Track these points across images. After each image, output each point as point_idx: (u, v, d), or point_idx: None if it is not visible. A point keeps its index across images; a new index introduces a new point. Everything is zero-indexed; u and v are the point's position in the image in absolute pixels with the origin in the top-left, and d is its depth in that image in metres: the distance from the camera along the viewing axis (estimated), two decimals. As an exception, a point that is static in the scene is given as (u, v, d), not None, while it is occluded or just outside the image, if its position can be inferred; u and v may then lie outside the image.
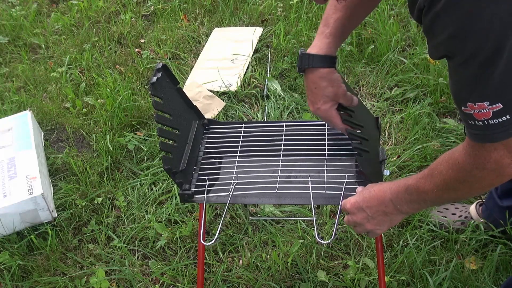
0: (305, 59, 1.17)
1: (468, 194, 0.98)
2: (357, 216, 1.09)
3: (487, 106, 0.79)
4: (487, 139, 0.83)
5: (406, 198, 1.02)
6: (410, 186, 1.00)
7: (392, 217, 1.07)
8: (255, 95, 2.25)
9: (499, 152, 0.84)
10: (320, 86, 1.17)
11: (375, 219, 1.07)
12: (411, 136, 1.94)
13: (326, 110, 1.19)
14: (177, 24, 2.73)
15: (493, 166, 0.86)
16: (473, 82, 0.79)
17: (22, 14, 2.92)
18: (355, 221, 1.10)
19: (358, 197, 1.09)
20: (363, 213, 1.08)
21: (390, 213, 1.06)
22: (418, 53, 2.29)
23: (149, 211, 1.81)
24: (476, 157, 0.87)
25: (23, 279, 1.66)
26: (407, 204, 1.02)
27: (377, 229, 1.10)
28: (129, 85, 2.30)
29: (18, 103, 2.31)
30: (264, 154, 1.30)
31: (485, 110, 0.80)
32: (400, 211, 1.05)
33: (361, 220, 1.09)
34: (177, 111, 1.26)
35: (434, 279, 1.50)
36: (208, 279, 1.60)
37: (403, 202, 1.02)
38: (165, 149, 1.17)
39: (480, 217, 1.61)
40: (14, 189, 1.74)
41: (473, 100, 0.81)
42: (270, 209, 1.76)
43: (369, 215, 1.07)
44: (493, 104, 0.79)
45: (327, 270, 1.57)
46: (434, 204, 1.04)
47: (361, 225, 1.10)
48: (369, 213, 1.07)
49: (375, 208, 1.06)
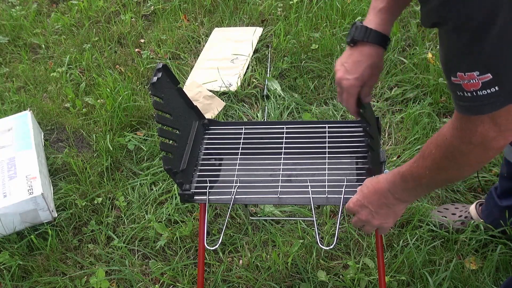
0: (361, 31, 1.11)
1: (458, 173, 0.95)
2: (362, 214, 1.09)
3: (477, 76, 0.78)
4: (474, 110, 0.82)
5: (403, 186, 1.01)
6: (405, 173, 0.99)
7: (395, 208, 1.06)
8: (255, 95, 2.25)
9: (485, 126, 0.83)
10: (365, 62, 1.12)
11: (378, 213, 1.07)
12: (411, 136, 1.94)
13: (352, 85, 1.13)
14: (177, 24, 2.73)
15: (479, 140, 0.85)
16: (464, 50, 0.78)
17: (22, 14, 2.92)
18: (361, 219, 1.10)
19: (358, 195, 1.09)
20: (366, 209, 1.07)
21: (392, 204, 1.05)
22: (418, 53, 2.29)
23: (149, 211, 1.81)
24: (462, 131, 0.86)
25: (23, 279, 1.66)
26: (404, 192, 1.02)
27: (384, 223, 1.09)
28: (129, 85, 2.30)
29: (18, 103, 2.31)
30: (265, 154, 1.30)
31: (474, 81, 0.78)
32: (400, 200, 1.04)
33: (366, 218, 1.08)
34: (177, 111, 1.26)
35: (434, 279, 1.50)
36: (208, 279, 1.60)
37: (400, 190, 1.02)
38: (166, 149, 1.17)
39: (480, 217, 1.61)
40: (14, 189, 1.74)
41: (463, 69, 0.79)
42: (270, 209, 1.76)
43: (372, 210, 1.07)
44: (482, 74, 0.77)
45: (327, 270, 1.57)
46: (430, 188, 1.02)
47: (368, 223, 1.09)
48: (371, 208, 1.06)
49: (376, 202, 1.06)
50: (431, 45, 2.36)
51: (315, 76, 2.30)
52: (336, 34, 2.43)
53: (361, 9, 2.54)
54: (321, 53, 2.36)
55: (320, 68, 2.31)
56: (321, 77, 2.30)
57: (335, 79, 1.17)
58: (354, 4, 2.58)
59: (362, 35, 1.11)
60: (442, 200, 1.75)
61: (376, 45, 1.12)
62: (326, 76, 2.29)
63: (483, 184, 1.77)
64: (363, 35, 1.11)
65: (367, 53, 1.12)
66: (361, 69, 1.12)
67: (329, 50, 2.37)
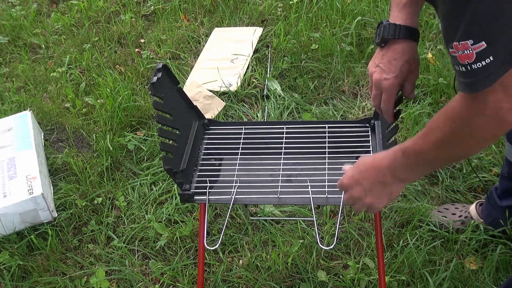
0: (390, 29, 1.09)
1: (467, 148, 0.89)
2: (354, 191, 1.04)
3: (471, 45, 0.75)
4: (471, 88, 0.79)
5: (404, 163, 0.95)
6: (407, 149, 0.94)
7: (391, 187, 1.01)
8: (255, 95, 2.25)
9: (497, 96, 0.79)
10: (401, 59, 1.10)
11: (372, 191, 1.02)
12: (411, 136, 1.94)
13: (392, 85, 1.11)
14: (177, 24, 2.73)
15: (492, 112, 0.80)
16: (458, 17, 0.76)
17: (22, 14, 2.91)
18: (352, 196, 1.04)
19: (354, 170, 1.04)
20: (360, 186, 1.02)
21: (388, 183, 1.00)
22: (418, 53, 2.29)
23: (149, 211, 1.81)
24: (474, 102, 0.81)
25: (23, 279, 1.66)
26: (405, 169, 0.97)
27: (376, 203, 1.04)
28: (129, 85, 2.30)
29: (18, 103, 2.31)
30: (265, 154, 1.30)
31: (468, 51, 0.76)
32: (398, 178, 0.99)
33: (359, 194, 1.03)
34: (177, 111, 1.26)
35: (434, 279, 1.50)
36: (208, 279, 1.60)
37: (400, 167, 0.96)
38: (166, 149, 1.17)
39: (480, 217, 1.61)
40: (14, 189, 1.74)
41: (457, 38, 0.77)
42: (270, 209, 1.76)
43: (366, 187, 1.02)
44: (476, 43, 0.75)
45: (327, 270, 1.57)
46: (433, 166, 0.97)
47: (360, 200, 1.04)
48: (366, 185, 1.01)
49: (372, 178, 1.01)
50: (431, 45, 2.36)
51: (315, 76, 2.30)
52: (336, 34, 2.43)
53: (361, 9, 2.54)
54: (321, 53, 2.36)
55: (320, 68, 2.31)
56: (321, 77, 2.30)
57: (372, 82, 1.14)
58: (354, 4, 2.58)
59: (392, 32, 1.10)
60: (442, 200, 1.75)
61: (408, 40, 1.11)
62: (326, 76, 2.29)
63: (483, 184, 1.77)
64: (394, 32, 1.10)
65: (400, 50, 1.11)
66: (398, 67, 1.11)
67: (329, 50, 2.37)
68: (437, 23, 2.46)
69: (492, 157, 1.83)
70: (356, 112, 2.11)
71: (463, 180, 1.80)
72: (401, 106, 2.10)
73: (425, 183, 1.80)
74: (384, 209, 1.71)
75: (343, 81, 2.26)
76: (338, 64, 2.31)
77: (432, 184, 1.81)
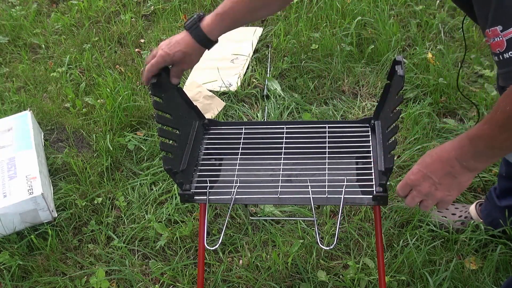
0: (192, 23, 1.23)
1: None
2: (423, 186, 1.01)
3: (500, 32, 0.73)
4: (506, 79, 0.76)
5: (471, 151, 0.93)
6: (474, 136, 0.92)
7: (460, 178, 0.98)
8: (255, 95, 2.25)
9: None
10: (180, 46, 1.22)
11: (442, 184, 0.99)
12: (411, 136, 1.94)
13: (160, 56, 1.22)
14: (177, 24, 2.73)
15: None
16: (487, 3, 0.73)
17: (22, 14, 2.91)
18: (421, 192, 1.02)
19: (420, 165, 1.01)
20: (428, 180, 0.99)
21: (457, 173, 0.97)
22: (418, 53, 2.29)
23: (149, 211, 1.81)
24: None
25: (23, 279, 1.66)
26: (474, 157, 0.94)
27: (448, 196, 1.01)
28: (129, 85, 2.30)
29: (18, 103, 2.31)
30: (265, 154, 1.30)
31: (498, 38, 0.73)
32: (467, 168, 0.96)
33: (428, 190, 1.00)
34: (177, 111, 1.26)
35: (434, 279, 1.50)
36: (208, 279, 1.60)
37: (469, 156, 0.94)
38: (166, 149, 1.17)
39: (479, 217, 1.61)
40: (14, 189, 1.74)
41: (488, 25, 0.74)
42: (270, 209, 1.76)
43: (436, 181, 0.99)
44: (506, 28, 0.72)
45: (327, 270, 1.57)
46: (500, 152, 0.94)
47: (430, 195, 1.01)
48: (435, 178, 0.99)
49: (440, 171, 0.98)
50: (431, 45, 2.36)
51: (315, 76, 2.30)
52: (336, 34, 2.43)
53: (361, 9, 2.54)
54: (321, 53, 2.36)
55: (320, 68, 2.31)
56: (321, 77, 2.30)
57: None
58: (354, 4, 2.58)
59: (189, 26, 1.23)
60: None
61: (195, 41, 1.23)
62: (326, 76, 2.29)
63: (483, 184, 1.77)
64: (190, 26, 1.23)
65: (186, 41, 1.23)
66: (174, 50, 1.22)
67: (329, 50, 2.37)
68: (437, 23, 2.46)
69: (492, 157, 1.83)
70: (356, 112, 2.11)
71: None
72: (401, 106, 2.10)
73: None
74: (384, 209, 1.71)
75: (343, 81, 2.26)
76: (338, 64, 2.31)
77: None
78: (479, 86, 2.15)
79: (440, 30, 2.44)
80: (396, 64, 1.18)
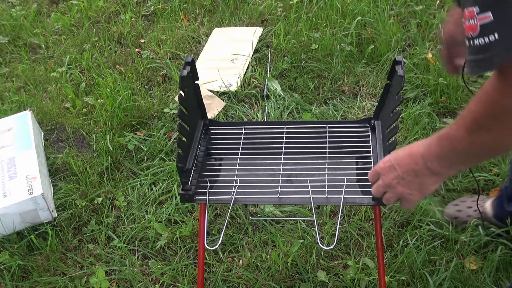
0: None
1: (500, 137, 0.79)
2: (387, 177, 0.99)
3: (476, 14, 0.68)
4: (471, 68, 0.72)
5: (437, 152, 0.89)
6: (442, 136, 0.88)
7: (423, 179, 0.94)
8: (255, 95, 2.25)
9: None
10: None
11: (404, 179, 0.96)
12: (411, 136, 1.94)
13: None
14: (177, 24, 2.73)
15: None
16: None
17: (22, 14, 2.91)
18: (384, 183, 1.00)
19: (391, 156, 0.99)
20: (393, 172, 0.97)
21: (421, 173, 0.93)
22: (418, 53, 2.29)
23: (149, 211, 1.81)
24: (504, 83, 0.72)
25: (23, 279, 1.66)
26: (437, 159, 0.90)
27: (407, 194, 0.98)
28: (129, 85, 2.30)
29: (18, 103, 2.31)
30: (265, 154, 1.30)
31: (473, 21, 0.68)
32: (430, 170, 0.92)
33: (390, 181, 0.98)
34: (191, 108, 1.26)
35: (434, 279, 1.50)
36: (208, 279, 1.60)
37: (433, 157, 0.90)
38: (182, 146, 1.16)
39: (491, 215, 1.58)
40: (14, 189, 1.74)
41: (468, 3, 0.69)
42: (270, 209, 1.76)
43: (399, 174, 0.96)
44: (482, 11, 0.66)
45: (327, 270, 1.57)
46: (466, 159, 0.88)
47: (392, 188, 0.99)
48: (399, 172, 0.96)
49: (406, 166, 0.95)
50: (431, 45, 2.36)
51: (315, 76, 2.30)
52: (336, 34, 2.43)
53: (361, 9, 2.54)
54: (321, 53, 2.36)
55: (320, 68, 2.31)
56: (321, 77, 2.30)
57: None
58: (354, 4, 2.58)
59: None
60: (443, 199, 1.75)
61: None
62: (326, 76, 2.29)
63: (483, 185, 1.77)
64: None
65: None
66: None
67: (329, 50, 2.37)
68: (437, 23, 2.46)
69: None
70: (356, 112, 2.11)
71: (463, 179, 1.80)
72: (401, 106, 2.10)
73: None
74: (384, 209, 1.71)
75: (343, 81, 2.26)
76: (338, 64, 2.31)
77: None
78: (479, 86, 2.15)
79: (440, 30, 2.44)
80: (396, 64, 1.18)
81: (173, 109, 2.19)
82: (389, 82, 1.25)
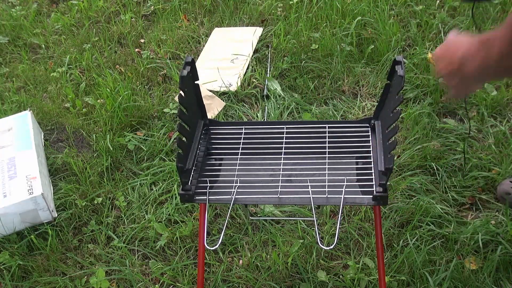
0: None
1: None
2: (440, 65, 0.99)
3: None
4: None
5: (473, 52, 0.90)
6: (483, 36, 0.87)
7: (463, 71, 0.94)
8: (255, 95, 2.25)
9: None
10: None
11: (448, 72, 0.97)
12: (411, 136, 1.94)
13: None
14: (177, 24, 2.73)
15: None
16: None
17: (22, 14, 2.91)
18: (439, 69, 1.00)
19: (446, 41, 0.98)
20: (441, 63, 0.98)
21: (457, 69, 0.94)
22: (418, 53, 2.29)
23: (149, 211, 1.81)
24: None
25: (23, 279, 1.66)
26: (473, 59, 0.90)
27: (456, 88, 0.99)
28: (129, 85, 2.30)
29: (18, 103, 2.31)
30: (265, 154, 1.30)
31: None
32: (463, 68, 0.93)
33: (445, 71, 0.98)
34: (191, 108, 1.26)
35: (434, 279, 1.50)
36: (208, 279, 1.60)
37: (471, 56, 0.90)
38: (182, 146, 1.16)
39: None
40: (14, 189, 1.74)
41: None
42: (270, 209, 1.76)
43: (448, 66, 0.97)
44: None
45: (327, 270, 1.57)
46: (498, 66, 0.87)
47: (446, 78, 0.99)
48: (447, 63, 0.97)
49: (448, 60, 0.96)
50: (431, 45, 2.36)
51: (315, 76, 2.30)
52: (336, 34, 2.43)
53: (361, 9, 2.54)
54: (321, 53, 2.36)
55: (320, 68, 2.31)
56: (321, 77, 2.30)
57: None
58: (354, 4, 2.58)
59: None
60: (444, 198, 1.75)
61: None
62: (326, 76, 2.29)
63: (483, 185, 1.77)
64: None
65: None
66: None
67: (329, 50, 2.37)
68: (437, 23, 2.46)
69: (492, 157, 1.83)
70: (356, 112, 2.11)
71: (462, 179, 1.80)
72: (401, 106, 2.10)
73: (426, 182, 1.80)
74: (384, 209, 1.71)
75: (343, 81, 2.26)
76: (338, 64, 2.31)
77: (431, 182, 1.80)
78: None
79: (440, 30, 2.44)
80: (396, 64, 1.18)
81: (173, 109, 2.19)
82: (389, 82, 1.25)
